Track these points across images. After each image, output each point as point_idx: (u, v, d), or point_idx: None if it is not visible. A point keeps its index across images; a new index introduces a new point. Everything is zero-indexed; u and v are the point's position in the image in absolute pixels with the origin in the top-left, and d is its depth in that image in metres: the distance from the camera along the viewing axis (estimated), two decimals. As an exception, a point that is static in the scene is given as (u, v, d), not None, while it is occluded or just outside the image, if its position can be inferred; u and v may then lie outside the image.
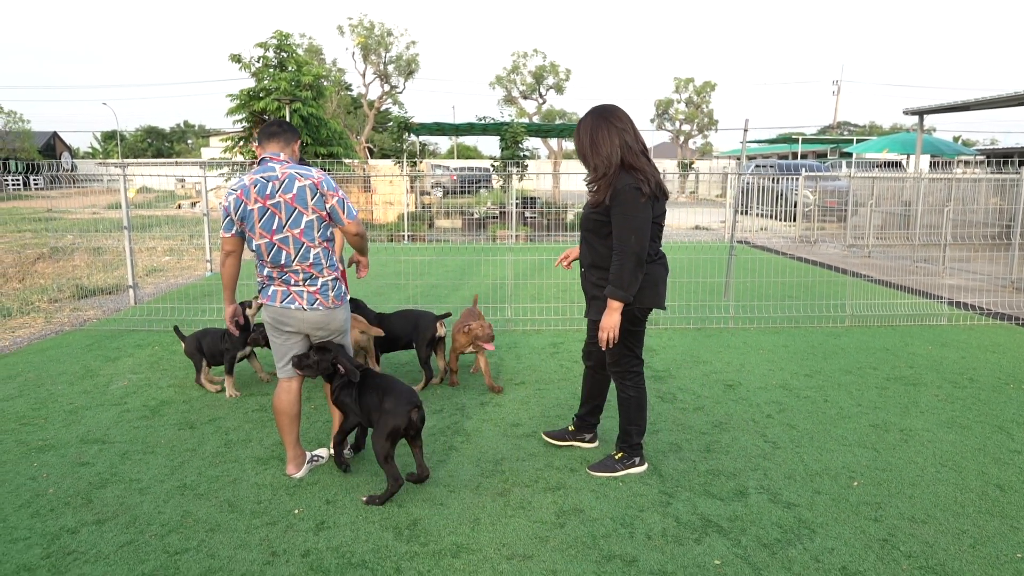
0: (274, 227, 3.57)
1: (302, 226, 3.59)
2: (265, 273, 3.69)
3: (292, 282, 3.65)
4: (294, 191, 3.56)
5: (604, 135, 3.55)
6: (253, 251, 3.69)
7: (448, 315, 5.67)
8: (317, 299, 3.67)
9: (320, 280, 3.67)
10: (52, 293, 9.26)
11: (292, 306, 3.66)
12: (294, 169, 3.62)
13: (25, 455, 4.21)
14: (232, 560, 3.12)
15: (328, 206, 3.63)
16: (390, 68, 28.73)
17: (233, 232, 3.67)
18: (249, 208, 3.58)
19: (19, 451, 4.27)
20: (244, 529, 3.37)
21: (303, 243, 3.60)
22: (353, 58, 28.68)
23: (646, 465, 4.03)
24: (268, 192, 3.56)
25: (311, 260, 3.64)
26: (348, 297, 3.96)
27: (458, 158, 54.72)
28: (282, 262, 3.62)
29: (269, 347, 4.08)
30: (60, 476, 3.93)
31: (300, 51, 20.55)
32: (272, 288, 3.69)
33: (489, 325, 5.27)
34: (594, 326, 3.94)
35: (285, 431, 3.87)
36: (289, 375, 3.87)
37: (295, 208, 3.57)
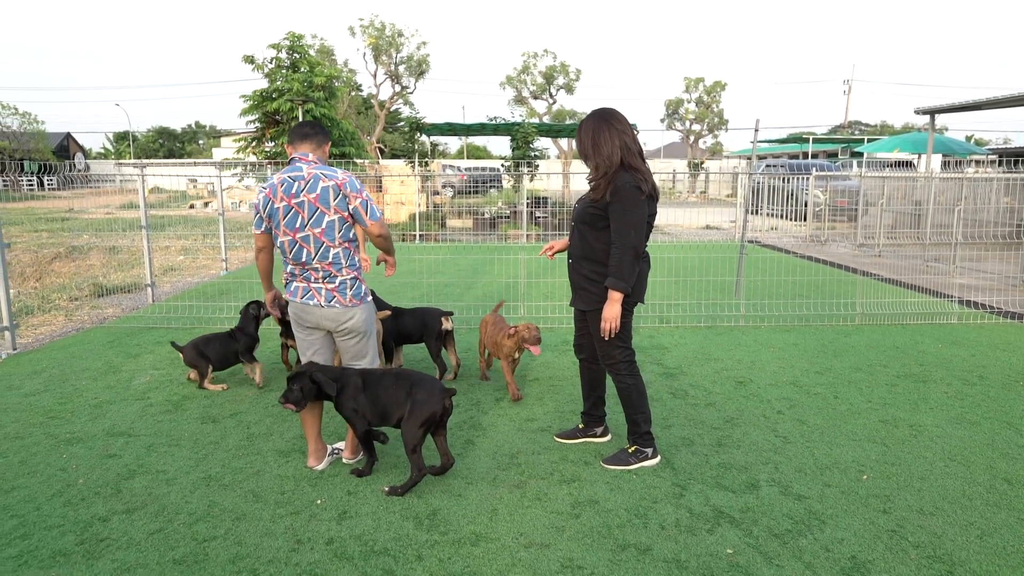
0: (297, 225, 3.71)
1: (323, 226, 3.71)
2: (288, 270, 3.87)
3: (312, 279, 3.79)
4: (317, 191, 3.69)
5: (605, 136, 3.73)
6: (278, 248, 3.84)
7: (451, 313, 5.78)
8: (335, 296, 3.80)
9: (338, 279, 3.80)
10: (71, 291, 9.41)
11: (311, 302, 3.81)
12: (320, 170, 3.74)
13: (54, 447, 4.33)
14: (259, 547, 3.22)
15: (351, 207, 3.74)
16: (401, 69, 28.88)
17: (263, 229, 3.85)
18: (276, 206, 3.73)
19: (48, 443, 4.39)
20: (269, 518, 3.48)
21: (323, 242, 3.73)
22: (364, 59, 28.89)
23: (659, 458, 4.11)
24: (293, 191, 3.70)
25: (330, 259, 3.76)
26: (370, 298, 4.02)
27: (467, 158, 54.83)
28: (303, 260, 3.76)
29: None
30: (89, 467, 4.04)
31: (312, 52, 20.70)
32: (294, 284, 3.86)
33: (536, 327, 5.04)
34: (582, 316, 4.13)
35: (307, 424, 3.99)
36: None
37: (318, 208, 3.69)
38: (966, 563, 3.10)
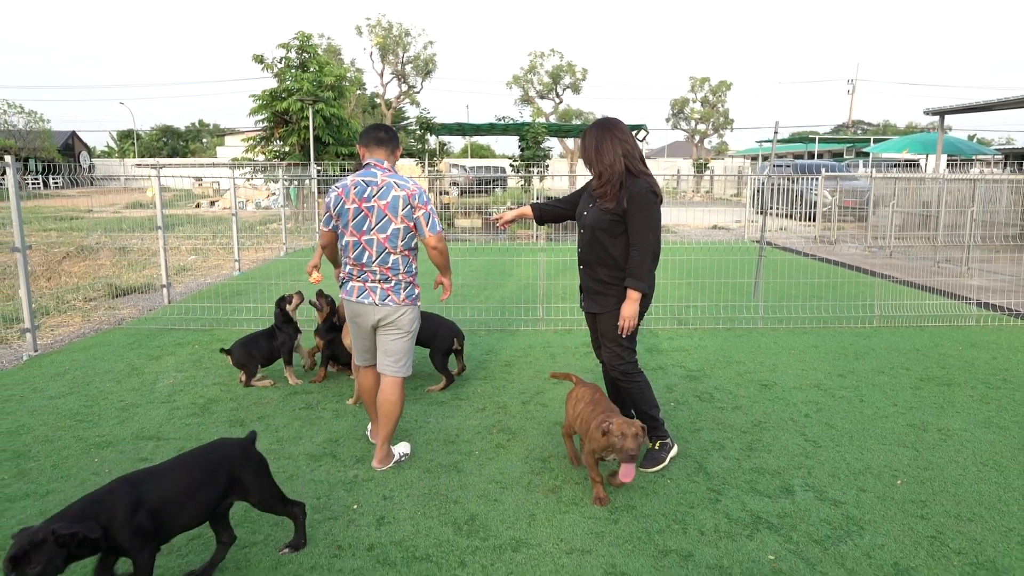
0: (364, 228, 3.85)
1: (388, 232, 3.84)
2: (347, 270, 3.99)
3: (368, 280, 3.93)
4: (388, 199, 3.83)
5: (608, 145, 3.88)
6: (342, 247, 3.97)
7: (463, 338, 5.72)
8: (389, 295, 3.92)
9: (393, 280, 3.92)
10: (86, 292, 9.42)
11: (366, 301, 3.94)
12: (393, 178, 3.88)
13: (85, 451, 4.33)
14: (299, 554, 3.22)
15: (415, 216, 3.86)
16: (407, 68, 28.88)
17: (331, 227, 3.99)
18: (346, 207, 3.87)
19: (79, 447, 4.39)
20: (307, 524, 3.46)
21: (385, 248, 3.86)
22: (371, 58, 28.86)
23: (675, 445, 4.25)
24: (365, 195, 3.84)
25: (389, 264, 3.89)
26: (420, 302, 4.11)
27: (472, 157, 54.79)
28: (363, 261, 3.89)
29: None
30: (121, 471, 4.03)
31: (319, 51, 20.70)
32: (351, 284, 3.99)
33: (637, 433, 3.45)
34: (594, 319, 4.18)
35: (371, 406, 4.27)
36: (362, 364, 4.27)
37: (386, 215, 3.83)
38: (1010, 570, 3.09)
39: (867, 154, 28.31)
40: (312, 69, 18.36)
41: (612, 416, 3.60)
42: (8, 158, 6.34)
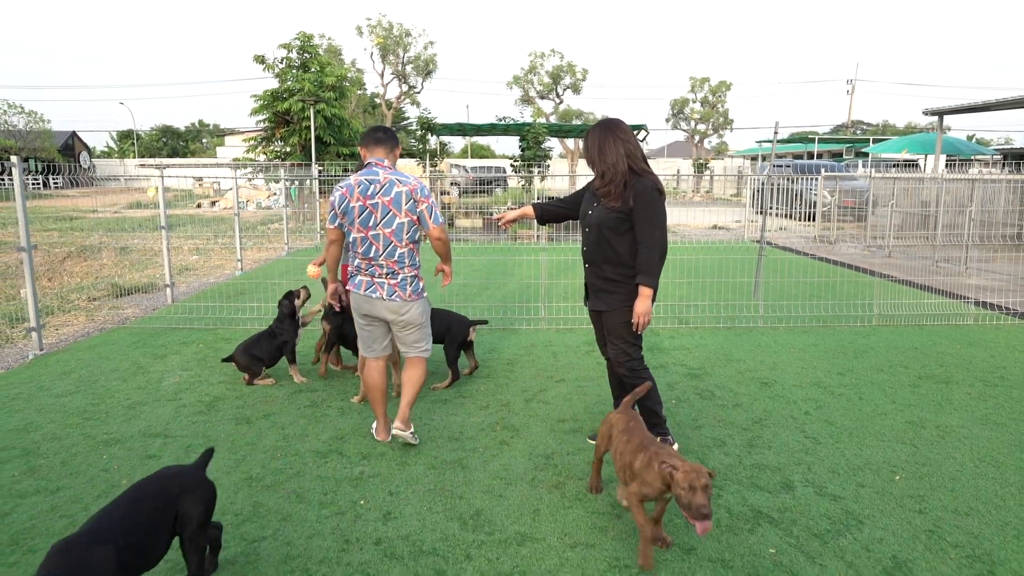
0: (370, 224, 4.03)
1: (393, 227, 4.03)
2: (355, 264, 4.16)
3: (376, 274, 4.10)
4: (391, 195, 4.02)
5: (610, 145, 3.96)
6: (348, 243, 4.15)
7: (485, 322, 5.82)
8: (395, 291, 4.11)
9: (400, 275, 4.10)
10: (89, 291, 9.47)
11: (374, 295, 4.12)
12: (394, 175, 4.06)
13: (94, 448, 4.39)
14: (308, 548, 3.28)
15: (418, 210, 4.04)
16: (408, 68, 28.94)
17: (336, 224, 4.15)
18: (351, 205, 4.04)
19: (87, 444, 4.45)
20: (315, 519, 3.53)
21: (391, 242, 4.05)
22: (372, 58, 28.93)
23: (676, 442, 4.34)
24: (369, 193, 4.02)
25: (396, 258, 4.07)
26: (426, 294, 4.29)
27: (472, 157, 54.83)
28: (371, 255, 4.07)
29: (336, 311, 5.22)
30: (130, 468, 4.10)
31: (320, 52, 20.76)
32: (358, 278, 4.16)
33: (707, 483, 2.83)
34: (599, 318, 4.26)
35: (377, 403, 4.37)
36: (368, 355, 4.38)
37: (390, 210, 4.02)
38: (1006, 562, 3.15)
39: (866, 154, 28.39)
40: (313, 69, 18.45)
41: (673, 459, 2.96)
42: (14, 159, 6.39)
